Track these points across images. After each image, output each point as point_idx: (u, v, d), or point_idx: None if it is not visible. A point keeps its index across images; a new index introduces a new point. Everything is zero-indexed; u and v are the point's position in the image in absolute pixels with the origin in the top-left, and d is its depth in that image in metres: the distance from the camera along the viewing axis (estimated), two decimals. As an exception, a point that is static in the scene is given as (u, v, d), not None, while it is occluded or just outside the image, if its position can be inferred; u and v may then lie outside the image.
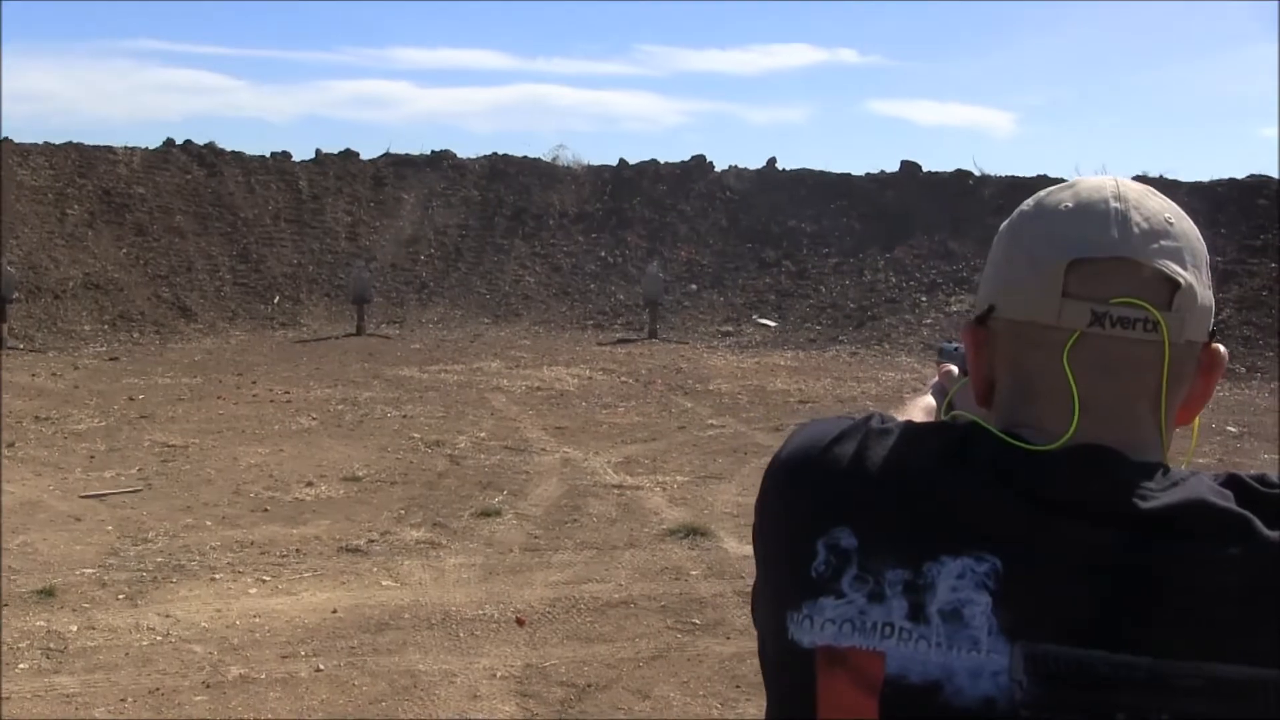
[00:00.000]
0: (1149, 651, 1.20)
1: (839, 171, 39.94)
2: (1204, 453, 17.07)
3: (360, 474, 13.37)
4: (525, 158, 42.30)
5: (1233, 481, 1.29)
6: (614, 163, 41.84)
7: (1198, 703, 1.18)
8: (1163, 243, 1.35)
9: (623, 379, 22.95)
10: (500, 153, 42.28)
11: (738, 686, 7.35)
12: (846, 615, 1.28)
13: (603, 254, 37.49)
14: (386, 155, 41.93)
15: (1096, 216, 1.37)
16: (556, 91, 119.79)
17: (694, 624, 8.47)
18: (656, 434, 16.91)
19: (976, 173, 38.49)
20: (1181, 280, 1.33)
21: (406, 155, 42.12)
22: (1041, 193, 1.46)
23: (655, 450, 15.60)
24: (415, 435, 16.06)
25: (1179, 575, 1.21)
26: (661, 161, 41.44)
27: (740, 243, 37.33)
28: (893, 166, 39.48)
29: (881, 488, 1.33)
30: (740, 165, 41.07)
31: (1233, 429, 19.68)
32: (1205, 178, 36.91)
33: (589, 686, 7.28)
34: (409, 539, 10.60)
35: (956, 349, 2.35)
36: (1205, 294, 1.38)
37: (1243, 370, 26.53)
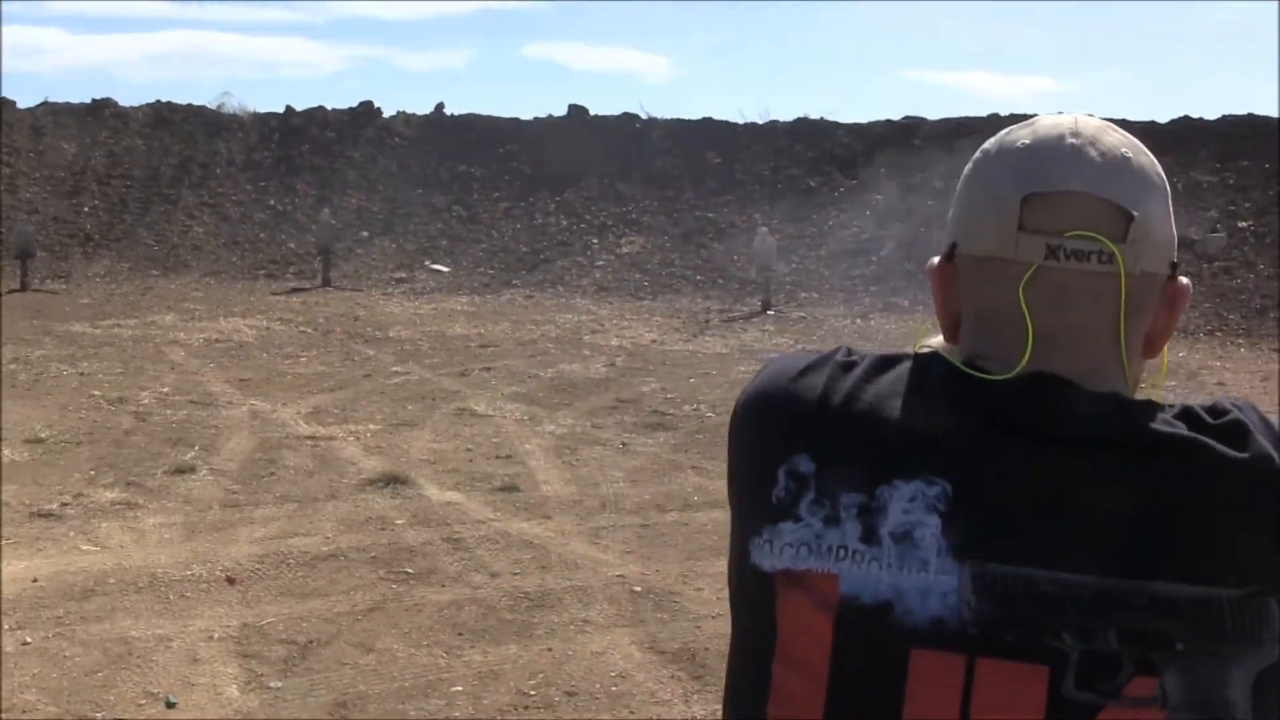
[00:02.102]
0: (1094, 571, 1.21)
1: (507, 116, 39.92)
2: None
3: (43, 435, 12.71)
4: (190, 105, 41.15)
5: (1185, 412, 1.30)
6: (281, 110, 41.00)
7: (1143, 620, 1.20)
8: (1118, 176, 1.36)
9: (301, 328, 22.55)
10: (165, 100, 41.00)
11: (460, 634, 7.29)
12: (804, 539, 1.29)
13: (272, 202, 36.73)
14: (44, 104, 40.22)
15: (1051, 151, 1.37)
16: (216, 38, 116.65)
17: (407, 573, 8.35)
18: (342, 383, 16.67)
19: (644, 116, 38.89)
20: (1135, 212, 1.34)
21: (66, 104, 40.50)
22: (1002, 132, 1.46)
23: (343, 399, 15.37)
24: (96, 393, 15.40)
25: (1122, 496, 1.23)
26: (329, 108, 40.80)
27: (411, 189, 37.03)
28: (560, 111, 39.63)
29: (841, 415, 1.34)
30: (409, 111, 40.71)
31: (899, 360, 20.34)
32: (863, 119, 37.99)
33: (310, 643, 7.10)
34: (104, 500, 10.14)
35: None
36: (1164, 227, 1.38)
37: (906, 304, 27.53)
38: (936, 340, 1.51)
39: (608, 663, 6.94)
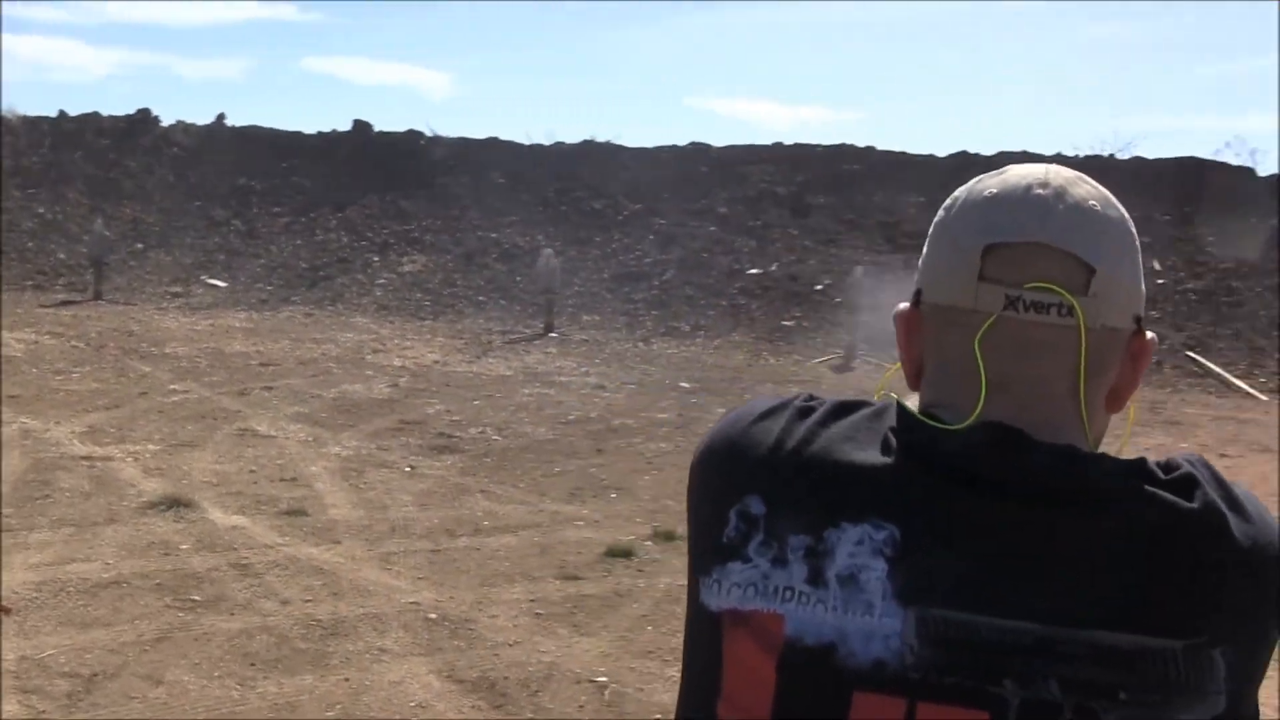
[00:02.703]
0: (1037, 619, 1.21)
1: (290, 130, 39.34)
2: (663, 408, 17.77)
3: None
4: (-50, 106, 39.71)
5: (1137, 466, 1.31)
6: (53, 114, 39.79)
7: (1085, 669, 1.20)
8: (1082, 229, 1.36)
9: (73, 343, 21.83)
10: (-79, 100, 39.53)
11: (252, 664, 7.10)
12: (751, 579, 1.30)
13: (41, 210, 35.53)
14: None
15: (1017, 202, 1.37)
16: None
17: (194, 601, 8.12)
18: (118, 401, 16.16)
19: (429, 133, 38.66)
20: (1099, 266, 1.34)
21: None
22: (974, 179, 1.46)
23: (119, 418, 14.90)
24: None
25: (1066, 547, 1.24)
26: (104, 114, 39.71)
27: (188, 200, 36.22)
28: (344, 126, 39.19)
29: (793, 458, 1.34)
30: (188, 121, 39.86)
31: (685, 384, 20.52)
32: (649, 144, 38.26)
33: (95, 675, 6.83)
34: None
35: None
36: (1131, 282, 1.39)
37: (687, 329, 27.73)
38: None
39: (406, 692, 6.83)
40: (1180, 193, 33.82)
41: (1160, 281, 30.70)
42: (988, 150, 37.31)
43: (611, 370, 22.09)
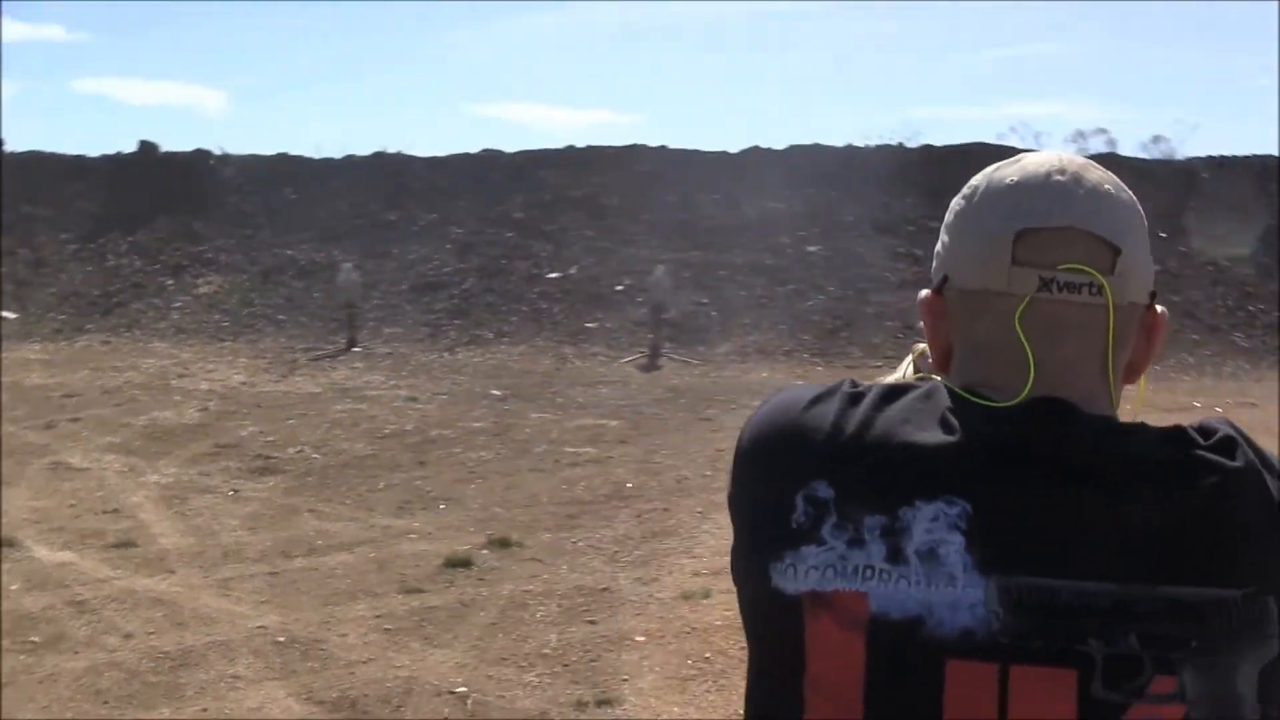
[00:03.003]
0: (1113, 579, 1.28)
1: (73, 153, 38.43)
2: (477, 416, 17.74)
3: None
4: None
5: (1176, 431, 1.38)
6: None
7: (1160, 623, 1.27)
8: (1103, 211, 1.44)
9: None
10: None
11: (105, 702, 6.97)
12: (829, 561, 1.32)
13: None
14: None
15: (1040, 189, 1.44)
16: None
17: (33, 642, 7.92)
18: (-82, 443, 15.67)
19: (217, 151, 38.04)
20: (1123, 246, 1.42)
21: None
22: (989, 169, 1.53)
23: (-78, 460, 14.45)
24: None
25: (1132, 511, 1.31)
26: None
27: (-32, 232, 35.16)
28: (128, 147, 38.39)
29: (857, 442, 1.37)
30: (-38, 149, 38.68)
31: (496, 392, 20.51)
32: (441, 153, 38.09)
33: (-58, 726, 6.68)
34: None
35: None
36: (1145, 259, 1.47)
37: (491, 336, 27.69)
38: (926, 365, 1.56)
39: (268, 718, 6.76)
40: (969, 178, 34.55)
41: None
42: (779, 144, 37.92)
43: (420, 382, 22.00)
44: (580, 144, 37.66)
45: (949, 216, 1.54)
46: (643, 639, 8.08)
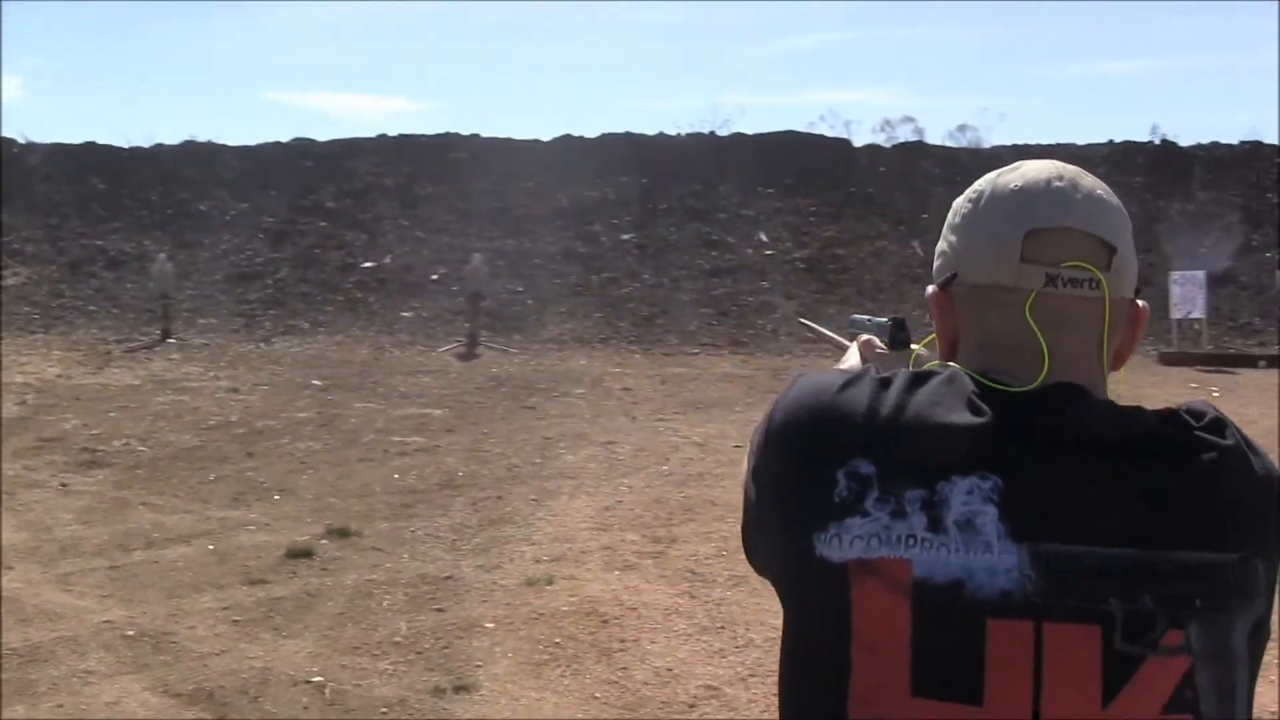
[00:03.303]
0: (1132, 545, 1.44)
1: None
2: (301, 407, 17.64)
3: None
4: None
5: (1172, 414, 1.55)
6: None
7: (1171, 584, 1.44)
8: (1100, 214, 1.61)
9: None
10: None
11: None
12: (873, 531, 1.44)
13: None
14: None
15: (1042, 194, 1.61)
16: None
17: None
18: None
19: (21, 140, 37.09)
20: (1118, 245, 1.61)
21: None
22: (991, 175, 1.69)
23: None
24: None
25: (1142, 483, 1.47)
26: None
27: None
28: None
29: (892, 423, 1.50)
30: None
31: (317, 382, 20.39)
32: (252, 142, 37.59)
33: None
34: None
35: (869, 320, 2.61)
36: (1133, 258, 1.65)
37: (307, 326, 27.46)
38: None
39: (125, 711, 6.71)
40: (781, 166, 35.15)
41: (769, 253, 31.89)
42: (591, 132, 38.10)
43: (240, 373, 21.78)
44: (393, 133, 37.51)
45: (954, 218, 1.70)
46: (492, 625, 8.17)
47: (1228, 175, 36.24)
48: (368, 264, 31.05)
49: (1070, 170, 1.65)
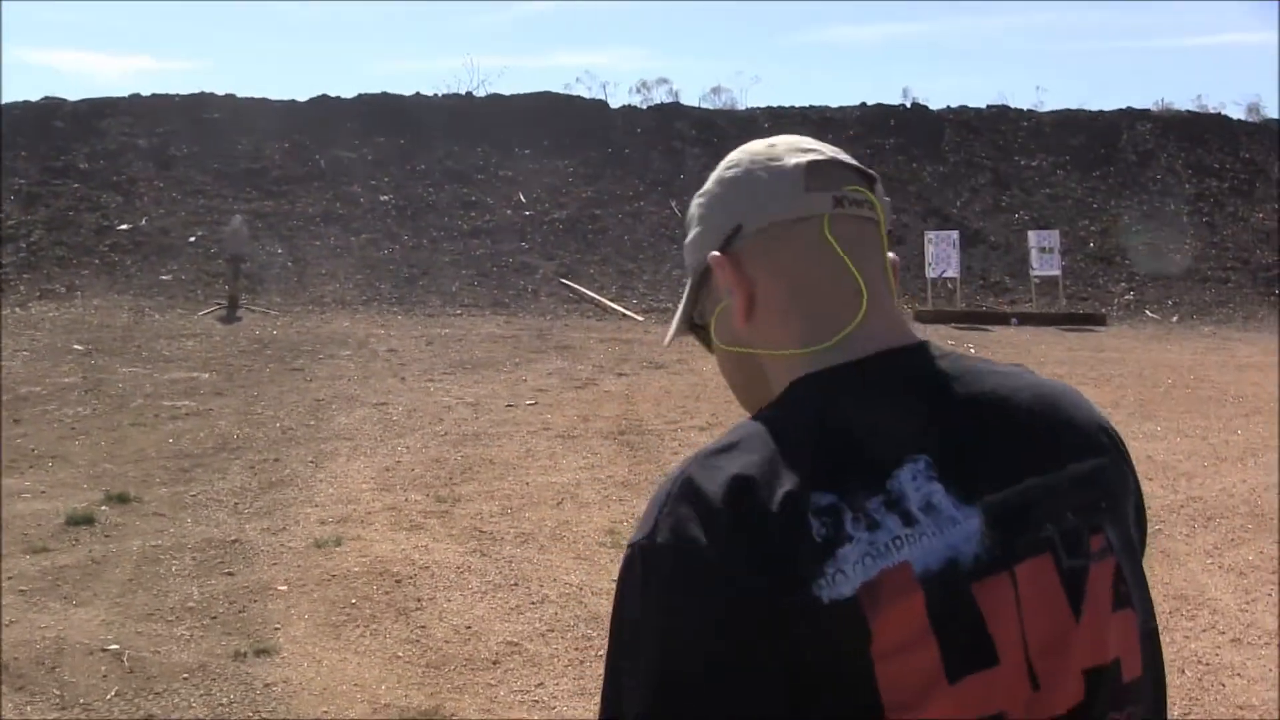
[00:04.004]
0: (1036, 473, 1.54)
1: None
2: (65, 373, 17.20)
3: None
4: None
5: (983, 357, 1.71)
6: None
7: (1077, 494, 1.55)
8: (846, 153, 1.70)
9: None
10: None
11: None
12: (864, 551, 1.43)
13: None
14: None
15: (798, 141, 1.69)
16: None
17: None
18: None
19: None
20: (876, 174, 1.68)
21: None
22: (736, 152, 1.73)
23: None
24: None
25: (1022, 419, 1.58)
26: None
27: None
28: None
29: (822, 445, 1.50)
30: None
31: (78, 346, 19.90)
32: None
33: None
34: None
35: None
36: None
37: (64, 290, 26.72)
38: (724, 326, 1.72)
39: (-81, 687, 6.55)
40: (539, 127, 35.22)
41: (528, 214, 31.94)
42: (348, 92, 37.65)
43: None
44: (146, 92, 36.55)
45: (717, 188, 1.70)
46: (285, 588, 8.13)
47: (976, 138, 37.42)
48: (124, 226, 30.19)
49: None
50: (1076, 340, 24.26)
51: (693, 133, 36.56)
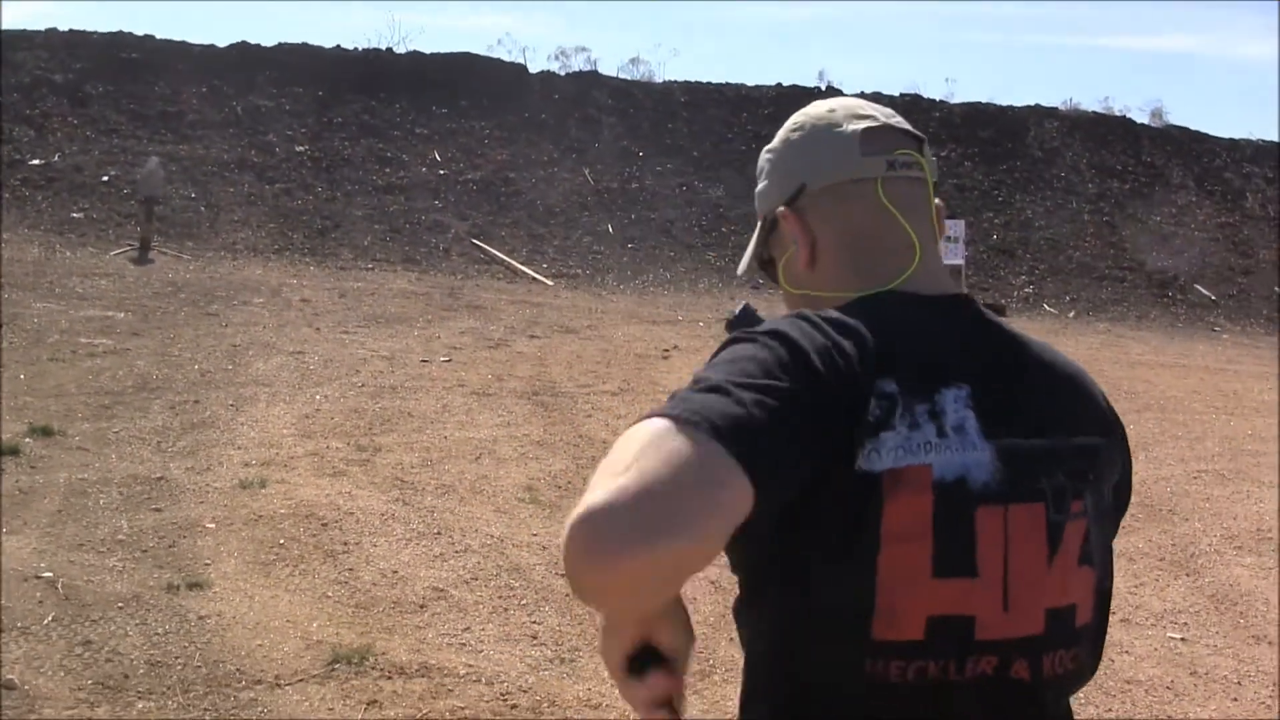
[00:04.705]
0: (1047, 435, 1.74)
1: None
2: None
3: None
4: None
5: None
6: None
7: (1074, 463, 1.75)
8: (898, 115, 1.91)
9: None
10: None
11: None
12: (899, 443, 1.62)
13: None
14: None
15: (857, 105, 1.90)
16: None
17: None
18: None
19: None
20: (924, 136, 1.90)
21: None
22: (800, 114, 1.95)
23: None
24: None
25: (1052, 386, 1.80)
26: None
27: None
28: None
29: (891, 347, 1.67)
30: None
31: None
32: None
33: None
34: None
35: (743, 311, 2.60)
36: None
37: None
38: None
39: None
40: (457, 87, 35.13)
41: (442, 173, 31.90)
42: (268, 41, 37.35)
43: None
44: (63, 27, 36.01)
45: (783, 148, 1.93)
46: (213, 526, 8.22)
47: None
48: (36, 161, 29.79)
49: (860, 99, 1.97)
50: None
51: (609, 102, 36.66)
